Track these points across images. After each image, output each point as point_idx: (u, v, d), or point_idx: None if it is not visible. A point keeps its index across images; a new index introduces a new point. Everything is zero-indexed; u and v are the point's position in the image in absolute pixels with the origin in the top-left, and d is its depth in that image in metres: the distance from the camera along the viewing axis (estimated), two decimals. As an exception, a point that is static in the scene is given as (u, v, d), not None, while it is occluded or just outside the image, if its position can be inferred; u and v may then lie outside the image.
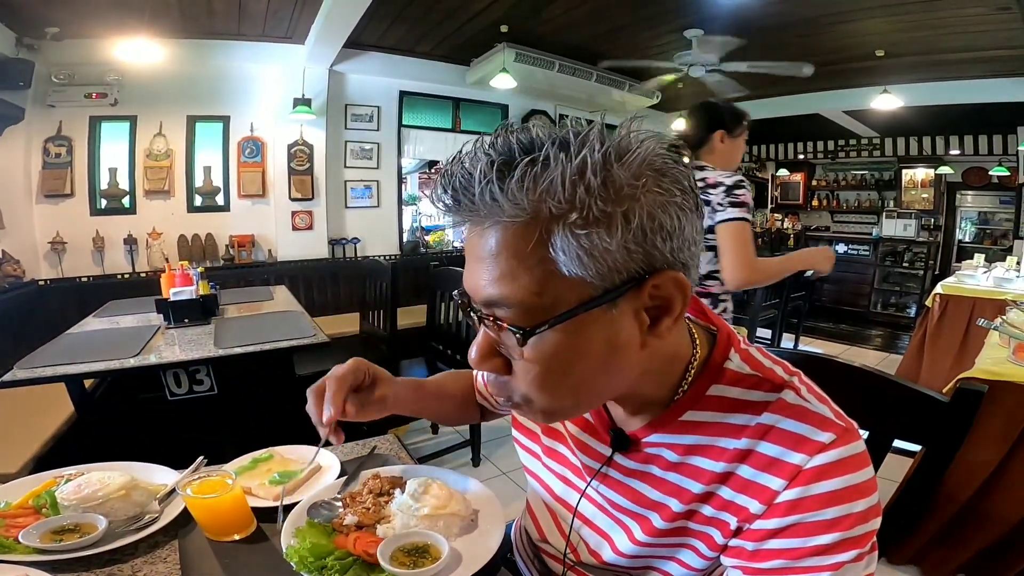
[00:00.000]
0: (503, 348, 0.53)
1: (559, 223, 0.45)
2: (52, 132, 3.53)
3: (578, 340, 0.49)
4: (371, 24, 3.82)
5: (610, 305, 0.48)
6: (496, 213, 0.46)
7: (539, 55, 4.44)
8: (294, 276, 4.32)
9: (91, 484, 0.85)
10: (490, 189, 0.45)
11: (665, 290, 0.50)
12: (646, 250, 0.47)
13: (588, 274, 0.46)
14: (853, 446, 0.52)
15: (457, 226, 0.53)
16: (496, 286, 0.49)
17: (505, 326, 0.49)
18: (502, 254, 0.48)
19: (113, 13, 3.16)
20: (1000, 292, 3.21)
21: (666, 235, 0.48)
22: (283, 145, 4.29)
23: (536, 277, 0.47)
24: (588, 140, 0.46)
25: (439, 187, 0.50)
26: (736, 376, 0.58)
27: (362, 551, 0.74)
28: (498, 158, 0.46)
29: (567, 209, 0.45)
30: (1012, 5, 3.21)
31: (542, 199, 0.45)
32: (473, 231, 0.51)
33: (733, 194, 1.74)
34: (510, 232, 0.47)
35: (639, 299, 0.49)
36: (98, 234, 3.73)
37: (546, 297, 0.47)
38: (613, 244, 0.46)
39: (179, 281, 2.35)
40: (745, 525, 0.54)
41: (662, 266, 0.49)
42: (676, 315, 0.51)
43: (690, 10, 3.72)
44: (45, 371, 1.71)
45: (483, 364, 0.54)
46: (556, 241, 0.46)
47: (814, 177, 8.12)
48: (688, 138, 2.00)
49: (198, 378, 1.94)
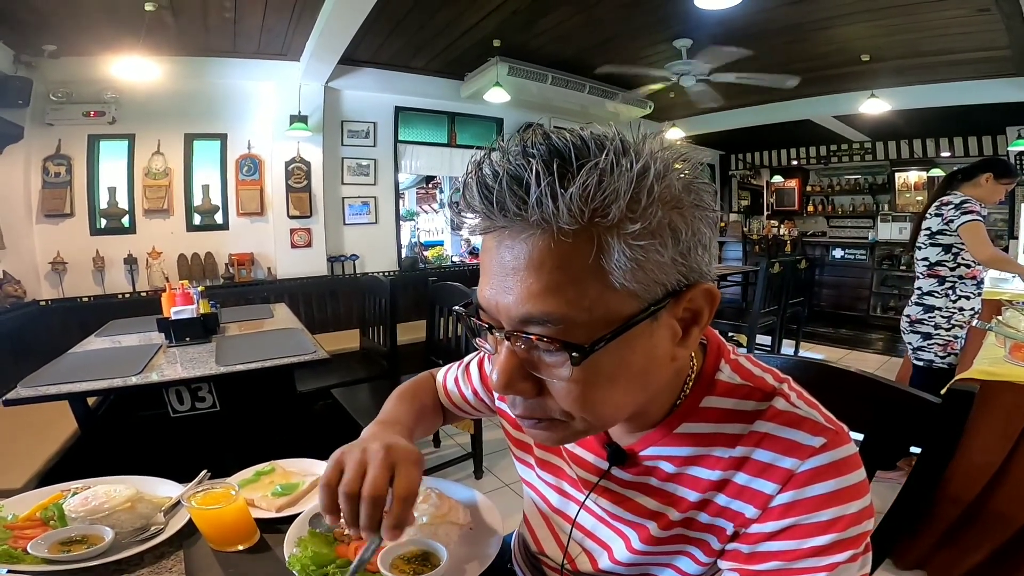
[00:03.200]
0: (539, 369, 0.49)
1: (616, 233, 0.43)
2: (51, 151, 3.55)
3: (625, 354, 0.48)
4: (366, 40, 3.86)
5: (653, 319, 0.47)
6: (547, 220, 0.43)
7: (532, 68, 4.48)
8: (294, 294, 4.33)
9: (98, 497, 0.86)
10: (550, 192, 0.41)
11: (697, 302, 0.50)
12: (688, 263, 0.47)
13: (637, 287, 0.45)
14: (844, 449, 0.53)
15: (482, 233, 0.48)
16: (538, 301, 0.45)
17: (553, 346, 0.45)
18: (546, 266, 0.44)
19: (110, 31, 3.19)
20: (996, 292, 3.22)
21: (703, 248, 0.48)
22: (280, 162, 4.32)
23: (586, 291, 0.44)
24: (645, 149, 0.45)
25: (471, 190, 0.46)
26: (728, 387, 0.58)
27: (363, 559, 0.75)
28: (551, 159, 0.43)
29: (628, 219, 0.43)
30: (991, 6, 3.25)
31: (605, 206, 0.42)
32: (502, 240, 0.47)
33: (962, 207, 2.44)
34: (558, 241, 0.43)
35: (675, 312, 0.49)
36: (98, 254, 3.74)
37: (596, 312, 0.45)
38: (666, 256, 0.45)
39: (180, 300, 2.37)
40: (741, 530, 0.55)
41: (698, 278, 0.49)
42: (703, 325, 0.51)
43: (679, 20, 3.76)
44: (49, 389, 1.72)
45: (510, 389, 0.50)
46: (613, 253, 0.43)
47: (808, 183, 8.16)
48: (961, 171, 2.61)
49: (200, 395, 1.95)
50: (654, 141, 0.46)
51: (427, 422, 0.90)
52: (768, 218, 8.46)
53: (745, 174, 8.58)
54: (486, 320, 0.50)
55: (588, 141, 0.44)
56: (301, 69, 4.10)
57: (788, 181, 8.24)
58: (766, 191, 8.56)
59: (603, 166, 0.42)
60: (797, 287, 4.65)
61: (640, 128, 0.48)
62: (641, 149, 0.45)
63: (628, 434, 0.62)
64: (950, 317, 2.52)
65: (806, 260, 4.97)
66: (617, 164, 0.42)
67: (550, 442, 0.56)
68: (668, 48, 4.19)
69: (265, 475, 1.03)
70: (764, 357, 0.74)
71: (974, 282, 2.51)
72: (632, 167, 0.43)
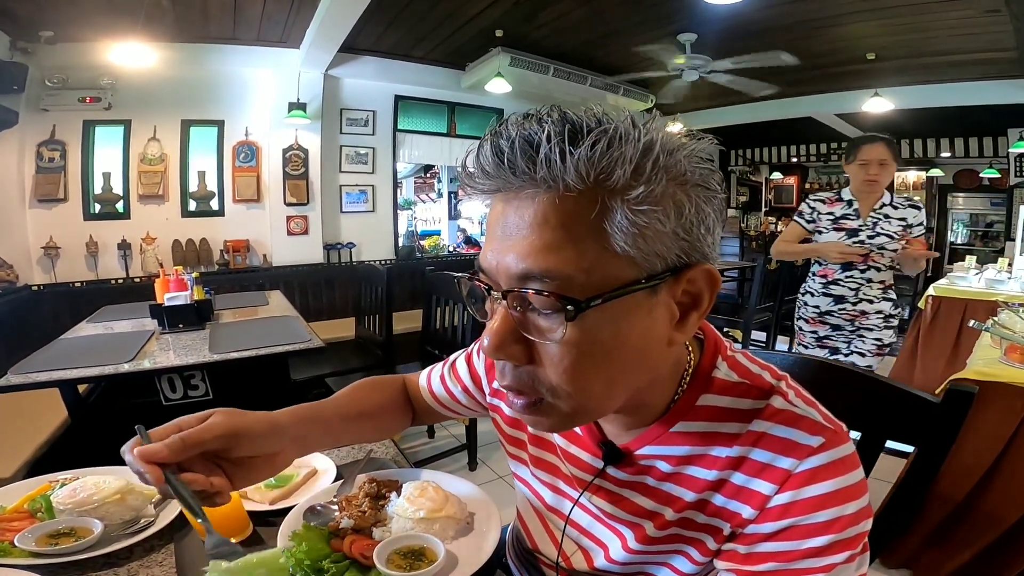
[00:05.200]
0: (531, 332, 0.48)
1: (619, 197, 0.44)
2: (46, 136, 3.53)
3: (621, 325, 0.47)
4: (366, 28, 3.83)
5: (652, 291, 0.47)
6: (555, 179, 0.44)
7: (534, 59, 4.46)
8: (289, 281, 4.32)
9: (86, 488, 0.85)
10: (559, 150, 0.43)
11: (697, 284, 0.50)
12: (691, 240, 0.48)
13: (638, 255, 0.45)
14: (842, 449, 0.52)
15: (491, 193, 0.49)
16: (539, 258, 0.45)
17: (552, 297, 0.45)
18: (549, 223, 0.45)
19: (107, 17, 3.16)
20: (992, 293, 3.23)
21: (707, 230, 0.48)
22: (278, 149, 4.29)
23: (586, 251, 0.45)
24: (654, 124, 0.47)
25: (484, 150, 0.47)
26: (725, 385, 0.58)
27: (358, 554, 0.74)
28: (567, 126, 0.45)
29: (632, 184, 0.44)
30: (1001, 7, 3.24)
31: (610, 169, 0.44)
32: (509, 201, 0.48)
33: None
34: (565, 200, 0.44)
35: (675, 290, 0.49)
36: (92, 239, 3.72)
37: (594, 275, 0.45)
38: (667, 227, 0.46)
39: (173, 286, 2.35)
40: (738, 530, 0.55)
41: (700, 259, 0.49)
42: (703, 310, 0.51)
43: (684, 15, 3.74)
44: (39, 376, 1.70)
45: (502, 351, 0.49)
46: (615, 215, 0.44)
47: (807, 180, 8.17)
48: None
49: (193, 383, 1.93)
50: (662, 124, 0.48)
51: (356, 426, 0.84)
52: (766, 214, 8.48)
53: (744, 170, 8.59)
54: (485, 282, 0.51)
55: (600, 116, 0.46)
56: (301, 57, 4.07)
57: (787, 178, 8.25)
58: (764, 187, 8.57)
59: (611, 134, 0.44)
60: (793, 284, 4.65)
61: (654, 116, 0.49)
62: (650, 127, 0.46)
63: (624, 432, 0.62)
64: (797, 309, 2.73)
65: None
66: (626, 134, 0.44)
67: (541, 427, 0.55)
68: (672, 42, 4.16)
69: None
70: (763, 354, 0.73)
71: (822, 281, 2.57)
72: (640, 138, 0.45)
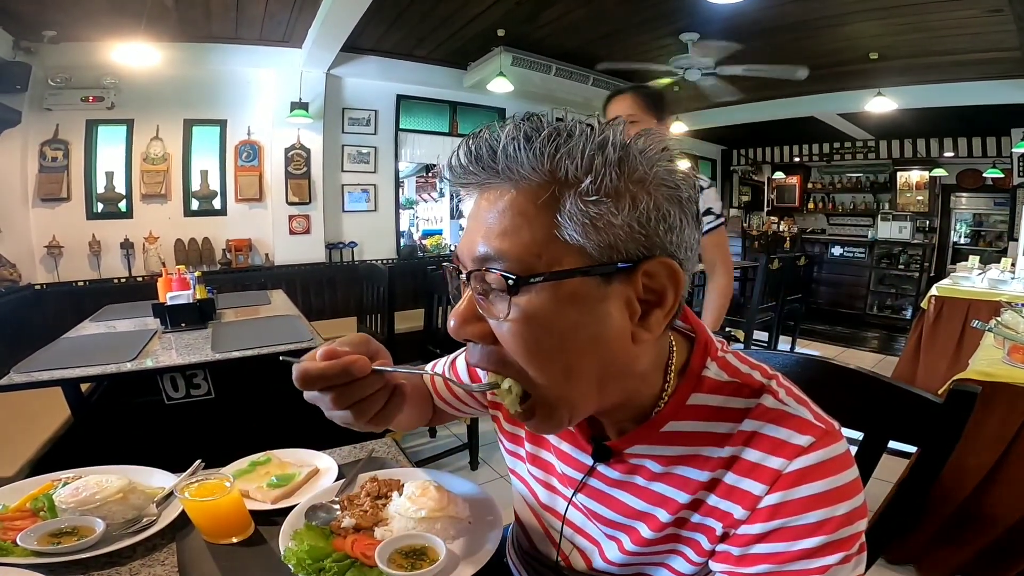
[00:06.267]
0: (487, 312, 0.51)
1: (572, 189, 0.47)
2: (49, 135, 3.53)
3: (568, 311, 0.49)
4: (368, 28, 3.83)
5: (604, 280, 0.49)
6: (513, 171, 0.48)
7: (536, 59, 4.46)
8: (291, 280, 4.32)
9: (88, 487, 0.85)
10: (515, 144, 0.48)
11: (659, 280, 0.50)
12: (648, 235, 0.48)
13: (589, 244, 0.47)
14: (833, 448, 0.52)
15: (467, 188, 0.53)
16: (496, 240, 0.49)
17: (498, 274, 0.48)
18: (508, 210, 0.49)
19: (110, 16, 3.16)
20: (995, 294, 3.23)
21: (668, 227, 0.49)
22: (280, 149, 4.30)
23: (538, 237, 0.48)
24: (613, 124, 0.50)
25: (460, 149, 0.51)
26: (715, 384, 0.57)
27: (360, 553, 0.74)
28: (528, 128, 0.49)
29: (582, 175, 0.47)
30: (1004, 7, 3.23)
31: (561, 161, 0.47)
32: (481, 196, 0.52)
33: None
34: (522, 191, 0.49)
35: (633, 285, 0.50)
36: (94, 238, 3.72)
37: (544, 259, 0.48)
38: (619, 219, 0.47)
39: (176, 285, 2.34)
40: (730, 531, 0.54)
41: (661, 253, 0.49)
42: (668, 308, 0.51)
43: (686, 14, 3.73)
44: (42, 375, 1.70)
45: (464, 328, 0.53)
46: (565, 205, 0.47)
47: (810, 180, 8.15)
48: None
49: (195, 382, 1.93)
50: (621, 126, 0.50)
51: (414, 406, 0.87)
52: (768, 214, 8.45)
53: (747, 170, 8.57)
54: (456, 265, 0.55)
55: (566, 119, 0.50)
56: (303, 56, 4.07)
57: (789, 177, 8.23)
58: (767, 187, 8.55)
59: (565, 132, 0.48)
60: (795, 284, 4.65)
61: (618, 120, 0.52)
62: (608, 128, 0.49)
63: (614, 431, 0.62)
64: None
65: (805, 257, 4.97)
66: (580, 132, 0.48)
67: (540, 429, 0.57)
68: (674, 42, 4.15)
69: (260, 465, 1.02)
70: (763, 353, 0.73)
71: None
72: (593, 135, 0.48)
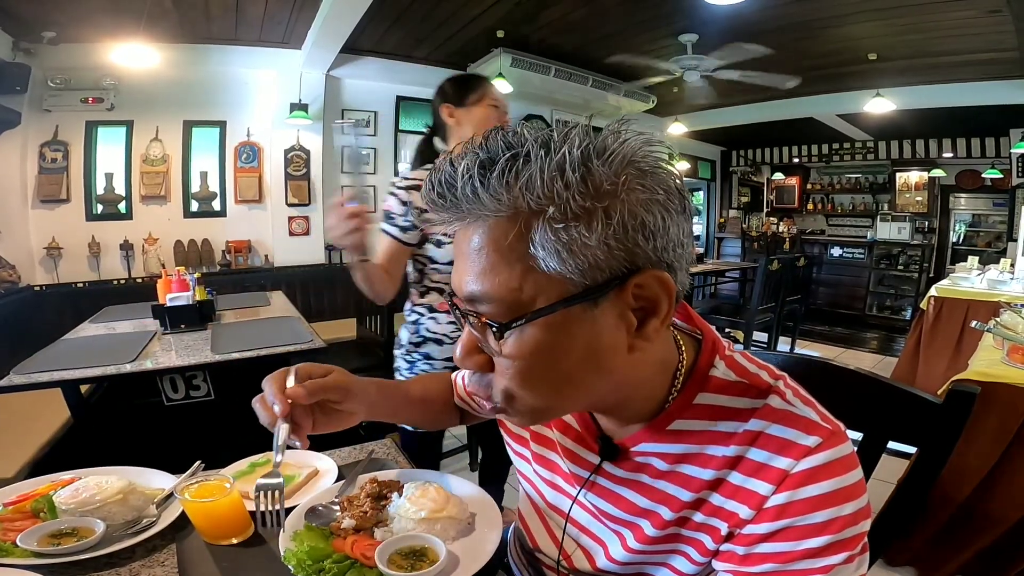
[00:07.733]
0: (484, 346, 0.52)
1: (539, 219, 0.46)
2: (48, 137, 3.54)
3: (560, 337, 0.49)
4: (368, 29, 3.83)
5: (591, 304, 0.48)
6: (478, 209, 0.47)
7: (535, 60, 4.46)
8: (291, 281, 4.32)
9: (88, 488, 0.85)
10: (471, 184, 0.46)
11: (649, 290, 0.49)
12: (628, 248, 0.47)
13: (568, 270, 0.46)
14: (840, 449, 0.52)
15: (447, 223, 0.52)
16: (477, 282, 0.49)
17: (484, 320, 0.49)
18: (484, 249, 0.48)
19: (110, 17, 3.17)
20: (994, 294, 3.23)
21: (649, 234, 0.47)
22: (280, 150, 4.30)
23: (516, 273, 0.47)
24: (569, 138, 0.46)
25: (428, 184, 0.50)
26: (722, 383, 0.57)
27: (359, 554, 0.74)
28: (483, 155, 0.47)
29: (545, 204, 0.45)
30: (1003, 8, 3.23)
31: (521, 194, 0.45)
32: (462, 228, 0.51)
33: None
34: (492, 228, 0.48)
35: (623, 299, 0.49)
36: (94, 239, 3.73)
37: (526, 293, 0.47)
38: (593, 240, 0.45)
39: (175, 287, 2.34)
40: (736, 530, 0.54)
41: (645, 265, 0.48)
42: (663, 317, 0.50)
43: (685, 15, 3.74)
44: (41, 377, 1.70)
45: (466, 361, 0.54)
46: (536, 236, 0.46)
47: (809, 180, 8.15)
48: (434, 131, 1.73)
49: (195, 384, 1.93)
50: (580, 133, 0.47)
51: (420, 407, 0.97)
52: (767, 215, 8.46)
53: (746, 171, 8.58)
54: (453, 300, 0.55)
55: (522, 137, 0.47)
56: (303, 57, 4.08)
57: (789, 178, 8.24)
58: (766, 188, 8.55)
59: (522, 156, 0.45)
60: (795, 285, 4.66)
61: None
62: (562, 140, 0.46)
63: (620, 429, 0.62)
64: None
65: (804, 258, 4.98)
66: (535, 155, 0.45)
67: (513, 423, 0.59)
68: (673, 43, 4.16)
69: (260, 467, 1.02)
70: (763, 354, 0.73)
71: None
72: (551, 156, 0.45)
